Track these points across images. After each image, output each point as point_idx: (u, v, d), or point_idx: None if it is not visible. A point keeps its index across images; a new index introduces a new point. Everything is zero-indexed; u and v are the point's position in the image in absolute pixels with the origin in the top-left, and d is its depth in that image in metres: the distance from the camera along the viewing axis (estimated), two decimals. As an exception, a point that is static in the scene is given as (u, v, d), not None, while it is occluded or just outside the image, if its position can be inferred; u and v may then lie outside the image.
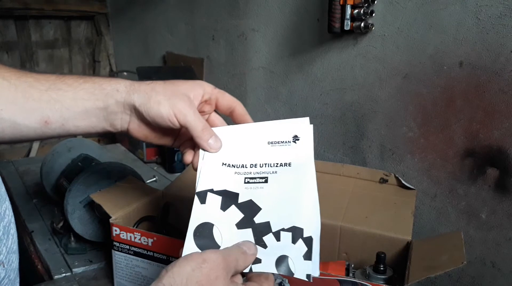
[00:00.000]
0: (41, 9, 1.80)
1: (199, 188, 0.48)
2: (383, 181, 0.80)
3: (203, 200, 0.47)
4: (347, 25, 0.85)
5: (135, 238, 0.66)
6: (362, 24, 0.86)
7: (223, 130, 0.54)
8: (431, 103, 0.82)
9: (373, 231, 0.67)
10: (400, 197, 0.76)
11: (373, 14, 0.87)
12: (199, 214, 0.46)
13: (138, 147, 1.40)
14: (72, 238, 0.84)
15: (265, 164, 0.51)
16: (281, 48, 1.12)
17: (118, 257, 0.69)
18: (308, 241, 0.43)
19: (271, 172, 0.50)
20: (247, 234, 0.45)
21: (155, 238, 0.64)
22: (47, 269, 0.80)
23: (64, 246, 0.85)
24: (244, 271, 0.42)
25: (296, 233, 0.44)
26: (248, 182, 0.49)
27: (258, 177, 0.50)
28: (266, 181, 0.49)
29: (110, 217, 0.68)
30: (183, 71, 1.45)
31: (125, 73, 1.92)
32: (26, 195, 1.10)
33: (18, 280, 0.41)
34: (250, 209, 0.47)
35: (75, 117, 0.50)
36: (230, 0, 1.26)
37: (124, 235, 0.67)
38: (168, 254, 0.64)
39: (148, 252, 0.65)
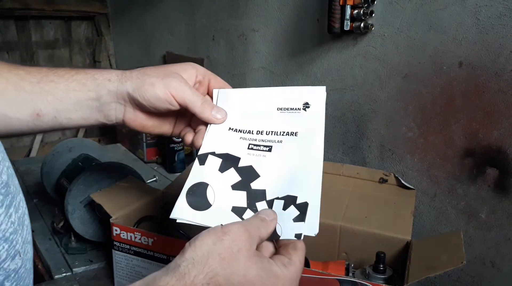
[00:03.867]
0: (42, 9, 1.81)
1: (201, 151, 0.48)
2: (383, 181, 0.80)
3: (202, 162, 0.47)
4: (347, 25, 0.85)
5: (135, 238, 0.66)
6: (362, 25, 0.86)
7: (236, 93, 0.53)
8: (430, 103, 0.82)
9: (373, 231, 0.67)
10: (399, 197, 0.76)
11: (373, 15, 0.87)
12: (196, 174, 0.46)
13: (138, 147, 1.41)
14: (73, 238, 0.84)
15: (272, 131, 0.50)
16: (281, 48, 1.13)
17: (118, 257, 0.69)
18: (303, 206, 0.43)
19: (276, 141, 0.49)
20: (241, 196, 0.45)
21: (155, 238, 0.64)
22: (48, 269, 0.81)
23: (64, 246, 0.85)
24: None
25: (288, 201, 0.43)
26: (252, 149, 0.49)
27: (262, 145, 0.49)
28: (270, 150, 0.48)
29: (111, 217, 0.69)
30: (183, 71, 1.45)
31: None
32: (27, 195, 1.10)
33: (32, 270, 0.41)
34: (248, 174, 0.47)
35: (68, 109, 0.49)
36: (230, 0, 1.26)
37: (124, 235, 0.67)
38: (168, 254, 0.64)
39: (149, 252, 0.66)
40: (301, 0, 1.04)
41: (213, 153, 0.48)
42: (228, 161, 0.47)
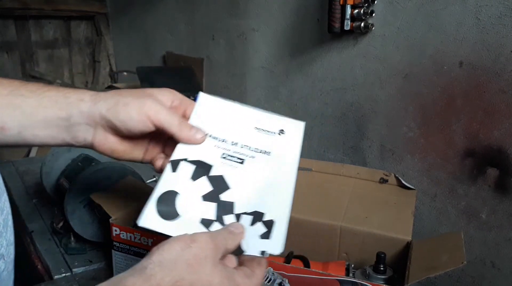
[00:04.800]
0: (41, 9, 1.81)
1: (174, 156, 0.47)
2: (383, 181, 0.80)
3: (174, 169, 0.47)
4: (347, 25, 0.85)
5: (135, 238, 0.66)
6: (362, 24, 0.86)
7: (218, 102, 0.54)
8: (431, 103, 0.82)
9: (373, 231, 0.67)
10: (400, 197, 0.76)
11: (373, 14, 0.87)
12: (167, 181, 0.46)
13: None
14: (72, 238, 0.84)
15: (246, 146, 0.50)
16: (281, 48, 1.12)
17: (118, 257, 0.69)
18: (269, 224, 0.43)
19: (249, 155, 0.49)
20: (211, 208, 0.45)
21: (154, 238, 0.64)
22: (47, 269, 0.80)
23: (64, 246, 0.85)
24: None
25: (256, 217, 0.44)
26: (225, 158, 0.49)
27: (236, 157, 0.49)
28: (242, 163, 0.48)
29: (110, 217, 0.68)
30: (183, 71, 1.45)
31: (125, 73, 1.92)
32: (26, 195, 1.10)
33: (13, 271, 0.41)
34: (219, 184, 0.46)
35: (35, 125, 0.47)
36: (230, 0, 1.26)
37: (124, 235, 0.67)
38: (168, 254, 0.64)
39: (148, 252, 0.65)
40: (301, -1, 1.04)
41: (185, 160, 0.47)
42: (201, 168, 0.47)
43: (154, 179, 1.18)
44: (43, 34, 1.92)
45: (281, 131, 0.54)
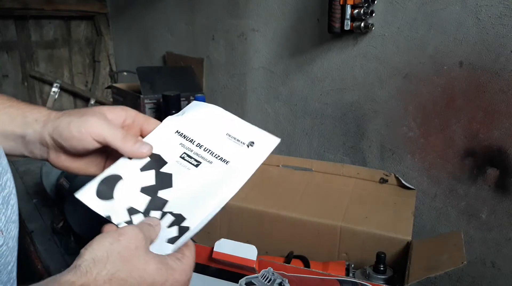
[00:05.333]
0: (41, 9, 1.80)
1: None
2: (383, 181, 0.80)
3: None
4: (347, 25, 0.85)
5: (135, 238, 0.66)
6: (362, 24, 0.86)
7: (204, 105, 0.55)
8: (431, 103, 0.82)
9: (373, 231, 0.67)
10: (400, 197, 0.76)
11: (373, 14, 0.87)
12: (119, 165, 0.48)
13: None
14: (72, 238, 0.84)
15: (210, 150, 0.51)
16: (281, 48, 1.12)
17: (118, 257, 0.69)
18: (183, 230, 0.44)
19: (207, 160, 0.50)
20: (143, 200, 0.47)
21: (155, 238, 0.64)
22: (47, 269, 0.80)
23: (64, 246, 0.85)
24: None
25: (178, 220, 0.45)
26: (183, 158, 0.50)
27: (194, 158, 0.50)
28: (196, 166, 0.49)
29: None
30: (183, 71, 1.45)
31: (125, 73, 1.92)
32: (26, 195, 1.10)
33: (16, 248, 0.42)
34: (164, 181, 0.48)
35: None
36: (230, 0, 1.26)
37: (124, 235, 0.67)
38: (168, 254, 0.64)
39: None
40: (301, -1, 1.04)
41: None
42: (154, 162, 0.49)
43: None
44: (43, 34, 1.92)
45: (251, 143, 0.53)
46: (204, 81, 1.43)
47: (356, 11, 0.85)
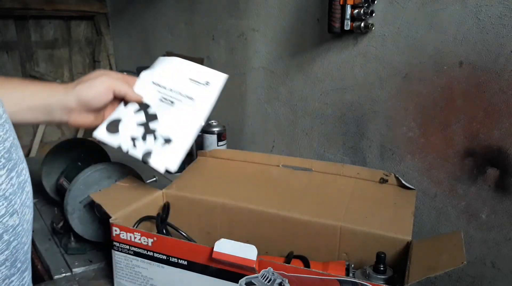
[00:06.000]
0: (41, 9, 1.81)
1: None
2: (383, 181, 0.80)
3: (125, 103, 0.72)
4: (347, 25, 0.85)
5: (135, 238, 0.66)
6: (362, 24, 0.86)
7: (170, 59, 0.77)
8: (431, 103, 0.82)
9: (373, 231, 0.67)
10: (400, 197, 0.76)
11: (373, 14, 0.87)
12: (119, 111, 0.72)
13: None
14: (72, 238, 0.84)
15: (179, 92, 0.73)
16: (281, 48, 1.12)
17: (118, 257, 0.69)
18: (174, 146, 0.70)
19: (178, 99, 0.72)
20: (140, 130, 0.70)
21: (155, 238, 0.64)
22: (47, 269, 0.80)
23: (64, 246, 0.85)
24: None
25: (167, 140, 0.70)
26: (161, 101, 0.72)
27: (168, 99, 0.73)
28: (172, 104, 0.72)
29: (110, 217, 0.68)
30: (183, 71, 1.45)
31: (125, 73, 1.92)
32: (26, 195, 1.10)
33: (31, 233, 0.47)
34: (151, 117, 0.71)
35: (22, 111, 0.63)
36: (230, 0, 1.26)
37: (124, 235, 0.67)
38: (168, 254, 0.64)
39: (148, 252, 0.65)
40: (301, -1, 1.04)
41: None
42: (143, 105, 0.72)
43: (154, 179, 1.18)
44: (43, 34, 1.92)
45: (207, 83, 0.75)
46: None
47: (356, 11, 0.85)
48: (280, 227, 0.72)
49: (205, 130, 1.16)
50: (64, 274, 0.78)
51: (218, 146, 1.16)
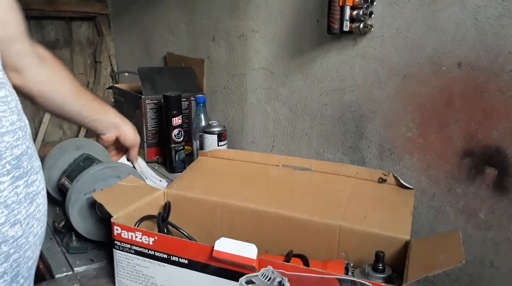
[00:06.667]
0: (42, 9, 1.81)
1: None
2: (382, 180, 0.81)
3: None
4: (346, 26, 0.86)
5: (136, 237, 0.66)
6: (361, 25, 0.86)
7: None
8: (429, 103, 0.82)
9: (372, 231, 0.67)
10: (398, 196, 0.77)
11: (372, 15, 0.88)
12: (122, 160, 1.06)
13: (139, 147, 1.41)
14: (74, 237, 0.84)
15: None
16: (281, 49, 1.13)
17: (119, 256, 0.70)
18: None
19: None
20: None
21: (156, 237, 0.65)
22: (49, 268, 0.81)
23: (65, 245, 0.85)
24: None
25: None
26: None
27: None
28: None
29: (112, 216, 0.69)
30: (184, 71, 1.46)
31: (126, 74, 1.93)
32: (28, 195, 1.10)
33: (39, 248, 0.44)
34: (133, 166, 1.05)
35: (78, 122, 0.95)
36: (230, 1, 1.27)
37: (125, 234, 0.67)
38: (169, 253, 0.64)
39: (149, 251, 0.66)
40: (301, 1, 1.05)
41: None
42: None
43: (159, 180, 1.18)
44: (45, 34, 1.93)
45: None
46: (205, 82, 1.43)
47: (355, 12, 0.85)
48: (280, 226, 0.73)
49: (206, 130, 1.17)
50: (65, 273, 0.78)
51: (218, 146, 1.16)
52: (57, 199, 0.99)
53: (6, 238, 0.38)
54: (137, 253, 0.67)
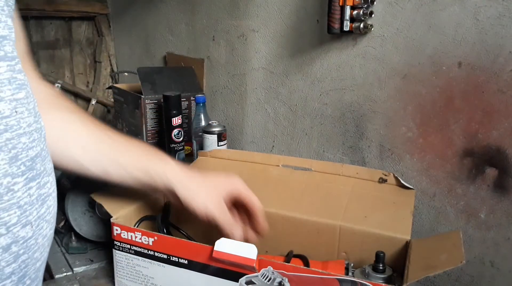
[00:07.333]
0: (42, 9, 1.81)
1: None
2: (382, 181, 0.81)
3: None
4: (347, 25, 0.86)
5: (136, 237, 0.66)
6: (361, 25, 0.86)
7: None
8: (430, 103, 0.82)
9: (373, 231, 0.67)
10: (399, 196, 0.77)
11: (372, 15, 0.88)
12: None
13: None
14: (73, 238, 0.84)
15: None
16: (281, 48, 1.13)
17: (119, 256, 0.69)
18: None
19: None
20: None
21: (156, 238, 0.65)
22: (48, 268, 0.81)
23: (65, 246, 0.85)
24: None
25: None
26: None
27: None
28: None
29: (111, 217, 0.69)
30: (183, 71, 1.46)
31: (126, 74, 1.92)
32: (27, 195, 1.10)
33: (47, 250, 0.44)
34: None
35: (128, 180, 0.65)
36: (230, 1, 1.27)
37: (125, 235, 0.67)
38: (169, 254, 0.64)
39: (149, 251, 0.66)
40: (301, 0, 1.04)
41: None
42: None
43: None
44: (44, 34, 1.93)
45: None
46: (205, 82, 1.43)
47: (355, 12, 0.85)
48: (280, 227, 0.73)
49: (206, 130, 1.17)
50: (65, 273, 0.78)
51: (218, 146, 1.16)
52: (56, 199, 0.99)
53: (17, 239, 0.38)
54: (137, 253, 0.67)
